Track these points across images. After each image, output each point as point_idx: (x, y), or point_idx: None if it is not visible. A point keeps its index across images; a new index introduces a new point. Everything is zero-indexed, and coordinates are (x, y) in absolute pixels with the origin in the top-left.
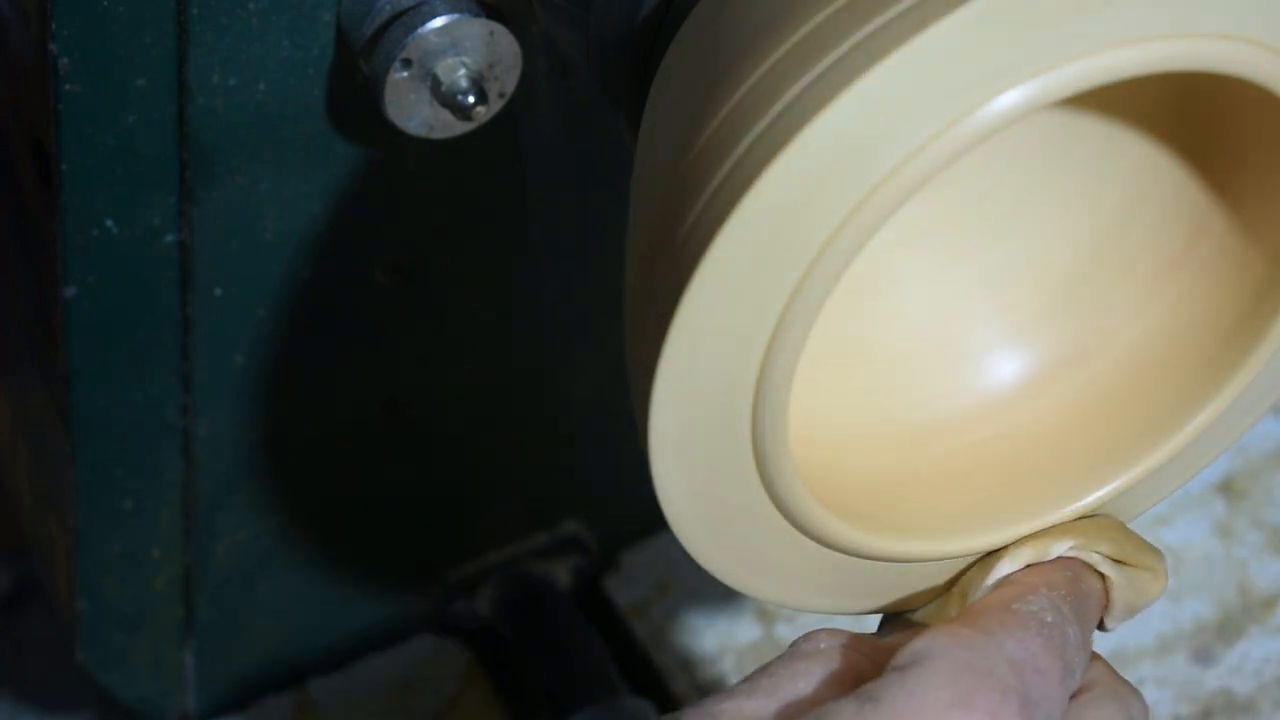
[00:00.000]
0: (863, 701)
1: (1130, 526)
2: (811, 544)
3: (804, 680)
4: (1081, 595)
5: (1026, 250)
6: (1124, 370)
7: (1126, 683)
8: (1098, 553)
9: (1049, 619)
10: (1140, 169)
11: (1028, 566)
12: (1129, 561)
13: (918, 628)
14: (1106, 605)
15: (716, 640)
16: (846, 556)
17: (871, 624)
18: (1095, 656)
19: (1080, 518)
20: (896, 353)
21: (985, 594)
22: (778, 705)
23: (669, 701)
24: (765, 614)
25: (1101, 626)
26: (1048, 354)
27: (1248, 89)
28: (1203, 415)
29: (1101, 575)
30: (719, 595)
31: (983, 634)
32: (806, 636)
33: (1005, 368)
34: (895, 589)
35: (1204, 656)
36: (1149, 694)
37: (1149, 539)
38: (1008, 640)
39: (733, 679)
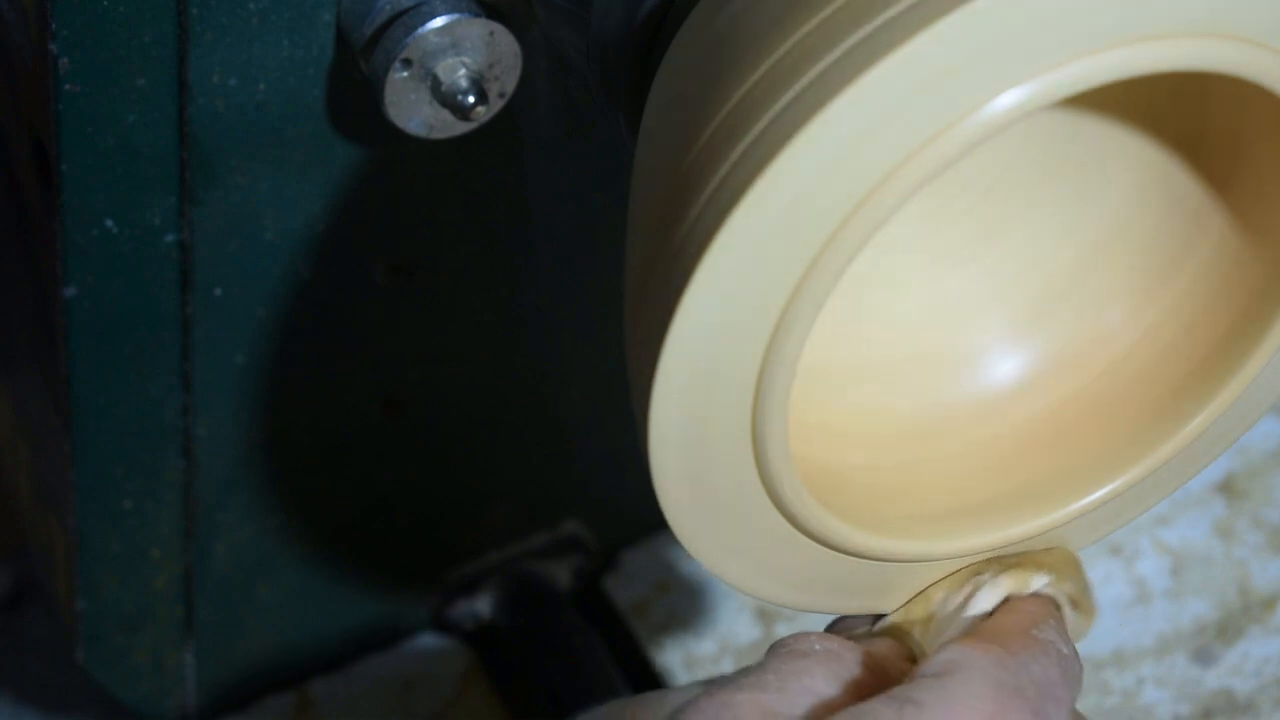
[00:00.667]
0: (902, 704)
1: (1130, 527)
2: (812, 544)
3: (809, 678)
4: (1067, 635)
5: (1026, 250)
6: (1124, 370)
7: None
8: (1063, 592)
9: (1065, 650)
10: (1139, 168)
11: (1007, 598)
12: (1078, 604)
13: (881, 632)
14: None
15: (716, 640)
16: (846, 556)
17: None
18: None
19: (1046, 548)
20: (897, 353)
21: (965, 621)
22: (793, 700)
23: None
24: (765, 614)
25: None
26: (1047, 354)
27: (1248, 89)
28: (1203, 415)
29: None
30: (719, 595)
31: (1011, 655)
32: (795, 637)
33: (1005, 368)
34: (894, 588)
35: (1204, 656)
36: (1149, 694)
37: (1149, 539)
38: (1033, 664)
39: None
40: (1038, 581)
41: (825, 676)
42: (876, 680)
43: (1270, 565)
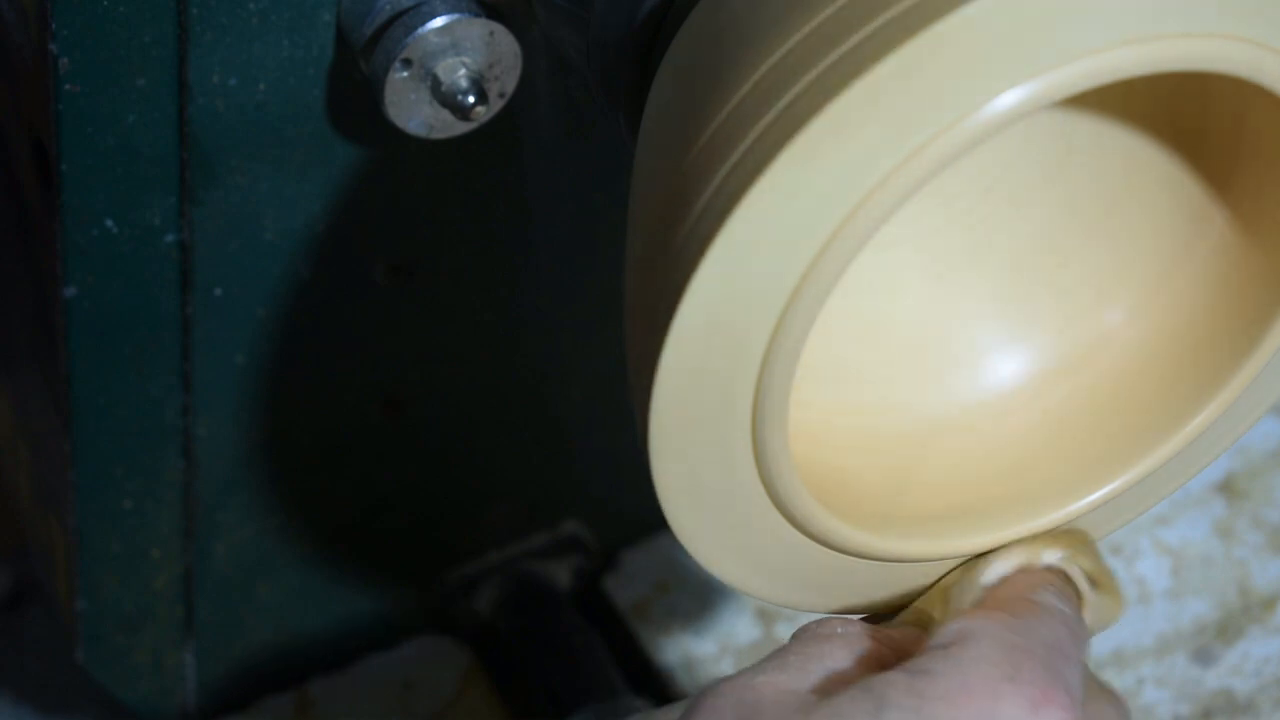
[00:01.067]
0: (914, 675)
1: (1130, 527)
2: (811, 544)
3: (831, 659)
4: (1070, 600)
5: (1026, 250)
6: (1124, 370)
7: (1109, 685)
8: (1079, 567)
9: (1066, 610)
10: (1139, 169)
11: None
12: (1099, 582)
13: (904, 620)
14: None
15: (716, 640)
16: (846, 556)
17: None
18: None
19: (1061, 529)
20: (896, 353)
21: (981, 591)
22: (814, 680)
23: (669, 702)
24: (765, 614)
25: None
26: (1047, 354)
27: (1248, 89)
28: (1203, 415)
29: (1077, 591)
30: (719, 595)
31: (1018, 618)
32: (820, 622)
33: (1005, 368)
34: (894, 588)
35: (1204, 656)
36: (1149, 694)
37: (1149, 539)
38: (1040, 626)
39: None
40: (1049, 555)
41: (846, 658)
42: (899, 661)
43: (1270, 565)
